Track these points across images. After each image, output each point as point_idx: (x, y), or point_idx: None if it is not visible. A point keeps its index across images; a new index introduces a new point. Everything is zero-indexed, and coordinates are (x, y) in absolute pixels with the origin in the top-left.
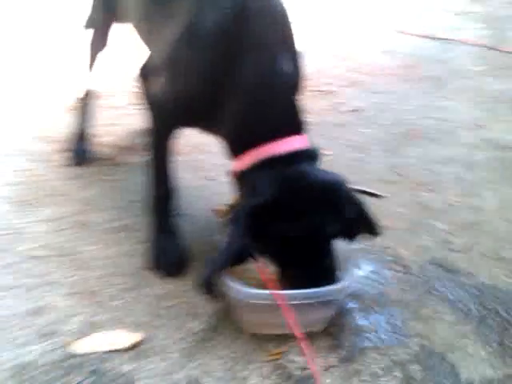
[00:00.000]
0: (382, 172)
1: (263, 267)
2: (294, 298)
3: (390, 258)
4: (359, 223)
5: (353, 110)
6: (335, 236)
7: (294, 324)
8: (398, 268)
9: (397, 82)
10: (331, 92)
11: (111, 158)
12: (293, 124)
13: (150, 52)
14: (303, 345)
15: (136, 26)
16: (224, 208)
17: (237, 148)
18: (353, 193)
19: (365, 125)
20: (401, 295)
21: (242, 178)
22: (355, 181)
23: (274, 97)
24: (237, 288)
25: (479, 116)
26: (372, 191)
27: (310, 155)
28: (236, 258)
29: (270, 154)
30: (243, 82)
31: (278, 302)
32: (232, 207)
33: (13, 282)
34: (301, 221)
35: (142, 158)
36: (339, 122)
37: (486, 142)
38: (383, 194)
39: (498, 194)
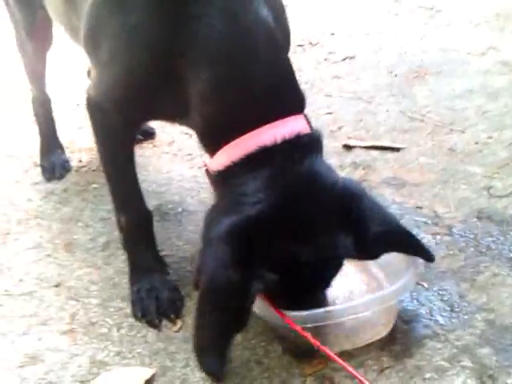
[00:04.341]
0: (395, 120)
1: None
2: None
3: (425, 220)
4: (391, 243)
5: (346, 58)
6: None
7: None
8: (438, 230)
9: (386, 18)
10: (317, 42)
11: (87, 163)
12: (286, 99)
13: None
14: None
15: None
16: None
17: (210, 141)
18: (379, 204)
19: (363, 72)
20: (450, 263)
21: (221, 182)
22: (366, 136)
23: (255, 61)
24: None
25: (488, 37)
26: (388, 145)
27: (312, 144)
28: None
29: (259, 146)
30: (205, 41)
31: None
32: None
33: (2, 325)
34: (309, 243)
35: None
36: (334, 73)
37: (503, 65)
38: (401, 146)
39: None
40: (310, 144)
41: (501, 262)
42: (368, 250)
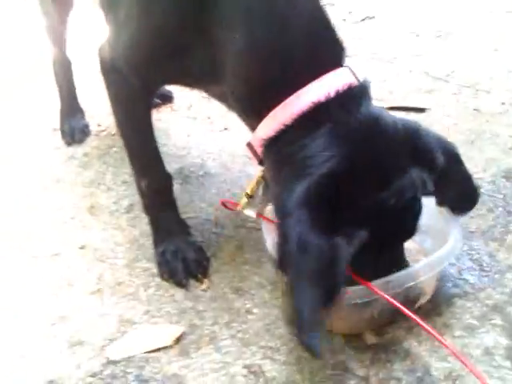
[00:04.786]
0: (418, 81)
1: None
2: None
3: None
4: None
5: (365, 19)
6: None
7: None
8: None
9: None
10: (335, 2)
11: (106, 128)
12: (330, 50)
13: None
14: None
15: None
16: (248, 190)
17: (253, 106)
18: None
19: (384, 32)
20: (478, 223)
21: (273, 150)
22: (389, 97)
23: (294, 11)
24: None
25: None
26: (412, 105)
27: (363, 93)
28: (336, 271)
29: (313, 103)
30: None
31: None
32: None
33: (31, 288)
34: (390, 186)
35: None
36: (354, 34)
37: None
38: (426, 106)
39: None
40: (362, 93)
41: None
42: (438, 185)
